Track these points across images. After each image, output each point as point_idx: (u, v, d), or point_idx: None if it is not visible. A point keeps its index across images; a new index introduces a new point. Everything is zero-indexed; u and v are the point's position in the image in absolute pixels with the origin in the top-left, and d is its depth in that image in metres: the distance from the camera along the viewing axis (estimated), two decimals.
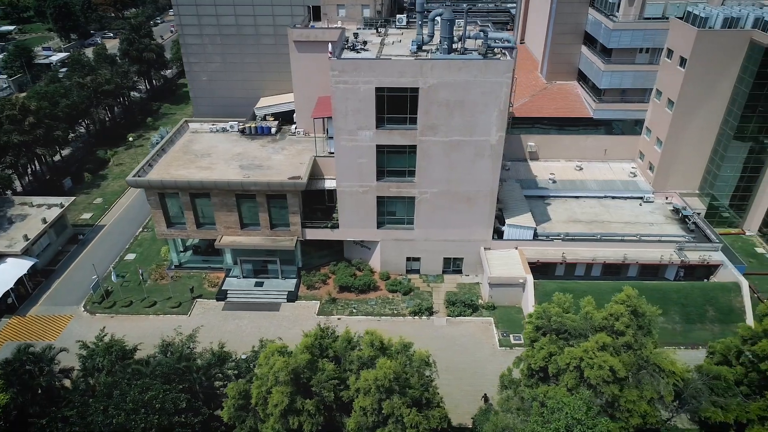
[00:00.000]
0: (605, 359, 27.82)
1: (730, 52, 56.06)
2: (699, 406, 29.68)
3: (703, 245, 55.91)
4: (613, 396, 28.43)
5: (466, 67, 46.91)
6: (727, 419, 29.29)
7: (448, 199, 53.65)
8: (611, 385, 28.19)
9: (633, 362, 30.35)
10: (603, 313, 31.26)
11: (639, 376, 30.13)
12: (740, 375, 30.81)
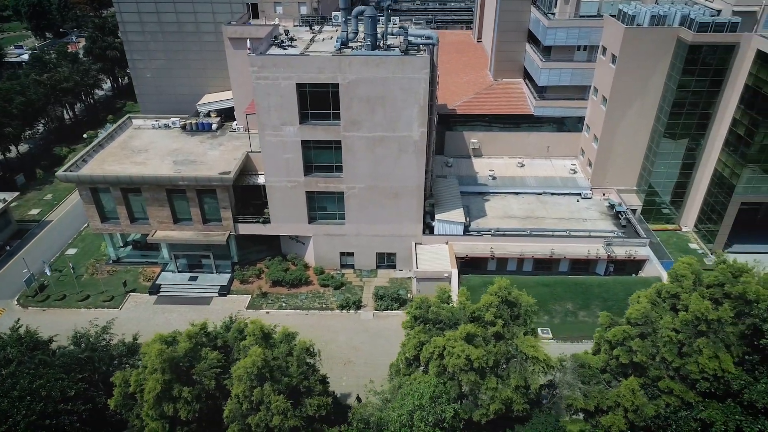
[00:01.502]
0: (463, 348, 28.36)
1: (659, 49, 56.64)
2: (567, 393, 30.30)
3: (630, 241, 56.53)
4: (472, 384, 28.99)
5: (383, 64, 47.50)
6: (588, 406, 29.84)
7: (376, 194, 54.23)
8: (469, 373, 28.74)
9: (504, 351, 30.91)
10: (478, 304, 31.81)
11: (510, 365, 30.71)
12: (604, 362, 31.39)
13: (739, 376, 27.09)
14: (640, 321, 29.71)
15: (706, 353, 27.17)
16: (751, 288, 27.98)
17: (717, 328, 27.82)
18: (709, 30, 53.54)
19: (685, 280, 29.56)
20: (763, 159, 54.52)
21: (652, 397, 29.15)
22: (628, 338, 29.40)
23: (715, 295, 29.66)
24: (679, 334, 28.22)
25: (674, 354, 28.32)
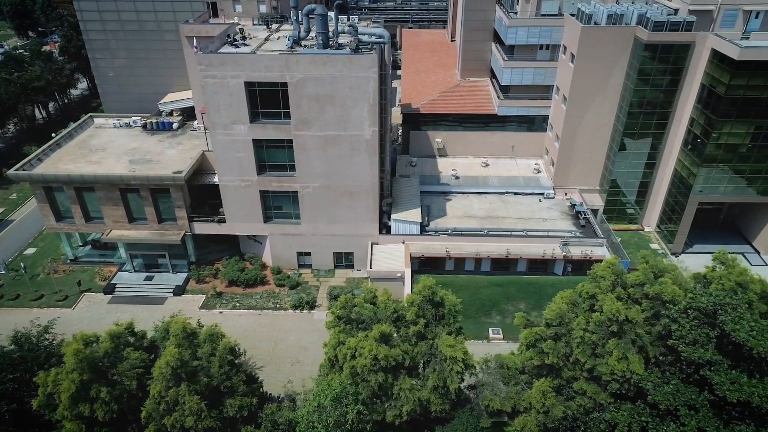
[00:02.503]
0: (371, 348, 28.06)
1: (616, 48, 56.35)
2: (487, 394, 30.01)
3: (587, 241, 56.22)
4: (381, 384, 28.70)
5: (331, 62, 47.21)
6: (504, 407, 29.55)
7: (330, 193, 53.96)
8: (378, 374, 28.44)
9: (424, 351, 30.63)
10: (401, 304, 31.52)
11: (430, 365, 30.43)
12: (522, 363, 31.09)
13: (646, 377, 26.78)
14: (555, 322, 29.41)
15: (615, 354, 26.88)
16: (667, 289, 27.67)
17: (629, 329, 27.52)
18: (665, 29, 53.25)
19: (603, 281, 29.27)
20: (718, 159, 54.23)
21: (567, 398, 28.86)
22: (540, 339, 29.10)
23: (635, 295, 29.37)
24: (593, 335, 27.92)
25: (587, 355, 28.03)
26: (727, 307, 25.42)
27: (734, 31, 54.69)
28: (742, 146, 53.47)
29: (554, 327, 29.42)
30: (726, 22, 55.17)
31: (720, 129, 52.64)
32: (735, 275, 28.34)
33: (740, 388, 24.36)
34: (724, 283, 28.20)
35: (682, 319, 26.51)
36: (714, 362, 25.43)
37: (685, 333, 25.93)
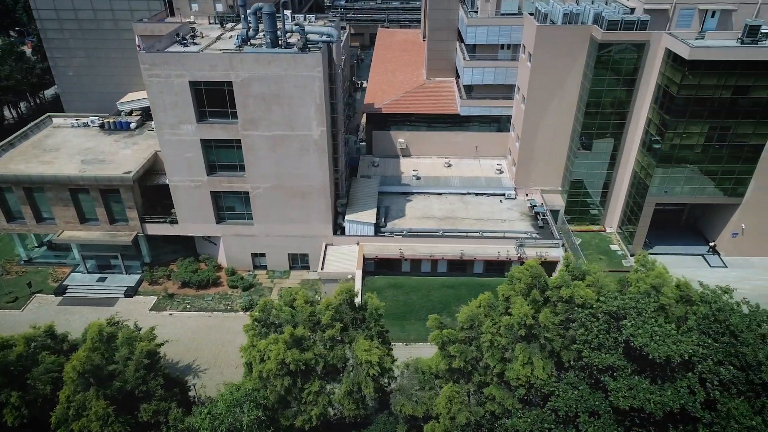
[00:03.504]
0: (277, 352, 27.52)
1: (573, 47, 55.78)
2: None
3: (542, 242, 55.71)
4: (288, 388, 28.15)
5: (275, 61, 46.67)
6: (416, 412, 29.00)
7: (281, 194, 53.43)
8: (284, 378, 27.89)
9: (340, 356, 30.08)
10: (317, 307, 30.99)
11: (345, 369, 29.89)
12: (436, 367, 30.54)
13: (550, 382, 26.22)
14: (466, 325, 28.86)
15: (520, 359, 26.31)
16: (579, 292, 27.10)
17: (538, 333, 26.97)
18: (619, 28, 52.68)
19: (518, 283, 28.71)
20: (674, 160, 53.68)
21: (479, 403, 28.31)
22: (448, 342, 28.55)
23: (553, 298, 28.82)
24: (502, 338, 27.35)
25: (496, 360, 27.47)
26: (632, 311, 24.88)
27: (690, 30, 54.13)
28: (697, 146, 52.92)
29: (465, 330, 28.85)
30: (682, 21, 54.64)
31: (674, 129, 52.10)
32: (651, 278, 27.79)
33: (636, 394, 23.81)
34: (640, 285, 27.66)
35: (590, 323, 25.96)
36: (616, 367, 24.89)
37: (592, 337, 25.39)
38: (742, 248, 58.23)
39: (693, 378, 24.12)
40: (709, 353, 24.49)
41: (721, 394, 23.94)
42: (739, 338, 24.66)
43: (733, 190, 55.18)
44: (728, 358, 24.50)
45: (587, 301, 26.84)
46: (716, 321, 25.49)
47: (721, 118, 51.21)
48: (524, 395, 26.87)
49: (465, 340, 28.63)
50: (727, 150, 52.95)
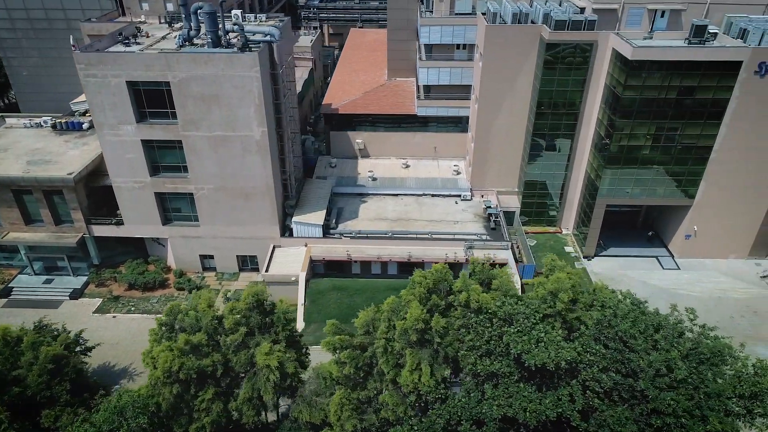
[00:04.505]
0: (165, 359, 26.97)
1: (523, 47, 55.20)
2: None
3: (491, 244, 55.18)
4: (180, 395, 27.63)
5: (211, 61, 46.14)
6: (313, 419, 28.46)
7: (226, 195, 52.91)
8: (174, 385, 27.36)
9: (243, 361, 29.55)
10: (223, 311, 30.46)
11: (247, 375, 29.37)
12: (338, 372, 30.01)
13: (434, 389, 25.66)
14: (362, 330, 28.33)
15: (408, 365, 25.77)
16: (475, 296, 26.56)
17: (431, 337, 26.44)
18: (567, 28, 52.14)
19: (418, 287, 28.16)
20: (622, 161, 53.15)
21: (375, 410, 27.77)
22: (341, 348, 28.02)
23: (455, 302, 28.29)
24: (396, 343, 26.82)
25: (390, 366, 26.93)
26: (520, 316, 24.34)
27: (640, 30, 53.61)
28: (645, 147, 52.40)
29: (360, 336, 28.32)
30: (632, 21, 54.10)
31: (621, 130, 51.59)
32: (550, 283, 27.25)
33: (512, 402, 23.27)
34: (539, 291, 27.13)
35: (484, 328, 25.41)
36: (501, 374, 24.35)
37: (481, 343, 24.84)
38: (695, 250, 57.72)
39: (576, 385, 23.56)
40: (596, 360, 23.96)
41: (603, 401, 23.39)
42: (627, 344, 24.11)
43: (684, 191, 54.64)
44: (615, 364, 23.95)
45: (483, 306, 26.30)
46: (609, 326, 24.94)
47: (667, 119, 50.69)
48: (415, 402, 26.36)
49: (360, 345, 28.09)
50: (675, 151, 52.43)
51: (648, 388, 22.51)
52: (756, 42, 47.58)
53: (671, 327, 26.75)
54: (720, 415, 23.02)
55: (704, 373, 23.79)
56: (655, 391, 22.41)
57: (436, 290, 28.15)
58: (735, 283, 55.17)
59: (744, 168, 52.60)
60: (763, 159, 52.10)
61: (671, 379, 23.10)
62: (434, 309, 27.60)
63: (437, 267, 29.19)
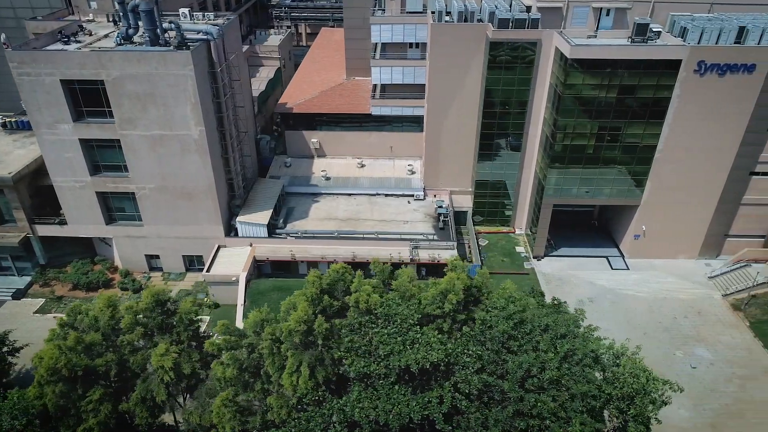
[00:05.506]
0: (51, 357, 26.61)
1: (470, 46, 54.80)
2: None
3: (436, 244, 54.81)
4: (65, 394, 27.23)
5: (144, 59, 45.76)
6: (204, 421, 27.96)
7: (168, 195, 52.52)
8: (57, 385, 27.00)
9: (139, 361, 29.17)
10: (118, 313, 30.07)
11: (143, 376, 28.99)
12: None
13: (312, 392, 25.26)
14: (250, 330, 27.94)
15: (288, 367, 25.40)
16: (364, 297, 26.18)
17: (315, 339, 26.05)
18: (510, 26, 51.75)
19: (310, 287, 27.76)
20: (566, 160, 52.79)
21: (263, 412, 27.36)
22: (225, 349, 27.65)
23: (350, 303, 27.89)
24: (282, 345, 26.45)
25: (276, 367, 26.55)
26: (397, 317, 23.96)
27: (585, 29, 53.31)
28: (589, 147, 52.04)
29: (251, 337, 27.94)
30: (578, 19, 53.87)
31: (563, 129, 51.23)
32: (443, 284, 26.87)
33: (375, 405, 22.88)
34: (431, 291, 26.76)
35: (365, 329, 25.01)
36: (377, 376, 23.96)
37: (362, 344, 24.47)
38: (645, 250, 57.32)
39: (448, 387, 23.18)
40: (471, 361, 23.57)
41: (472, 403, 22.99)
42: (505, 345, 23.72)
43: (630, 191, 54.29)
44: (490, 365, 23.56)
45: (371, 307, 25.91)
46: (489, 327, 24.56)
47: (610, 118, 50.32)
48: (297, 404, 25.96)
49: (248, 346, 27.71)
50: (620, 151, 52.08)
51: (512, 389, 22.10)
52: (695, 41, 47.21)
53: (557, 328, 26.25)
54: (583, 417, 22.61)
55: (577, 375, 23.37)
56: (519, 392, 22.00)
57: (330, 291, 27.75)
58: (682, 284, 54.79)
59: (689, 168, 52.23)
60: (707, 159, 51.73)
61: (540, 380, 22.70)
62: (328, 309, 27.21)
63: (335, 267, 28.81)
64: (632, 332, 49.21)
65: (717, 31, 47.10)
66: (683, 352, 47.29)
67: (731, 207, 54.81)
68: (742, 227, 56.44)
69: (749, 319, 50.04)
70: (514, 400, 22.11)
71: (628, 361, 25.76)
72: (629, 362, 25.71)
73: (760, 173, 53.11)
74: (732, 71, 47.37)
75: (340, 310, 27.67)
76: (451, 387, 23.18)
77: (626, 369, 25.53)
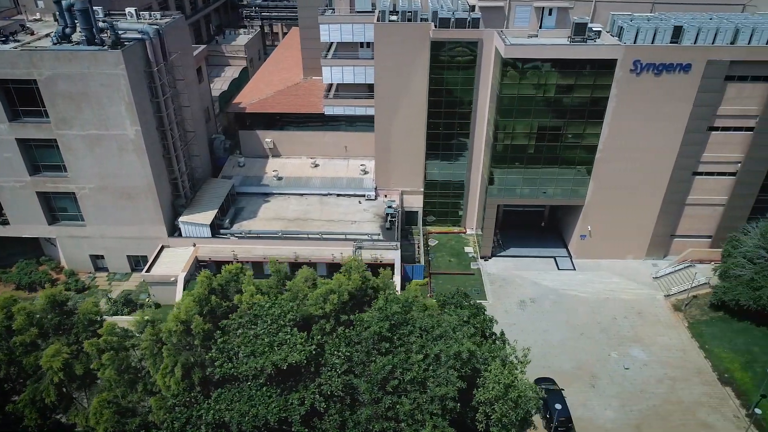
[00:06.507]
0: None
1: (415, 46, 54.52)
2: None
3: (380, 244, 54.59)
4: None
5: (76, 59, 45.60)
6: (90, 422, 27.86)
7: (108, 195, 52.35)
8: None
9: (32, 363, 29.00)
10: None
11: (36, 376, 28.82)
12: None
13: (182, 393, 25.09)
14: (138, 331, 27.77)
15: (163, 367, 25.21)
16: (247, 297, 26.00)
17: (192, 340, 25.90)
18: (450, 26, 51.58)
19: (198, 287, 27.59)
20: (508, 160, 52.63)
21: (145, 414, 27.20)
22: (107, 350, 27.46)
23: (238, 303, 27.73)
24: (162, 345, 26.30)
25: (156, 368, 26.38)
26: (267, 318, 23.78)
27: (528, 28, 53.11)
28: (530, 147, 51.86)
29: (133, 338, 27.81)
30: (520, 19, 53.68)
31: (504, 129, 51.06)
32: (330, 284, 26.67)
33: (232, 407, 22.70)
34: (316, 292, 26.56)
35: (243, 329, 24.83)
36: (244, 377, 23.79)
37: (234, 346, 24.28)
38: (592, 251, 57.17)
39: (312, 388, 22.98)
40: (340, 363, 23.37)
41: (334, 405, 22.79)
42: (375, 346, 23.52)
43: (574, 191, 54.12)
44: (358, 366, 23.36)
45: (251, 308, 25.75)
46: (367, 329, 24.34)
47: (549, 117, 50.15)
48: (173, 405, 25.77)
49: (132, 347, 27.57)
50: (561, 151, 51.89)
51: (368, 391, 21.90)
52: (631, 40, 47.04)
53: (434, 330, 25.94)
54: (437, 419, 22.41)
55: (441, 377, 23.16)
56: (377, 393, 21.77)
57: (225, 291, 27.57)
58: (626, 284, 54.62)
59: (631, 168, 52.06)
60: (649, 159, 51.57)
61: (402, 381, 22.48)
62: (217, 310, 27.03)
63: (229, 268, 28.63)
64: (570, 332, 49.21)
65: (653, 30, 46.93)
66: (618, 352, 47.10)
67: (676, 207, 54.61)
68: (689, 227, 56.26)
69: (688, 320, 49.88)
70: (370, 402, 21.90)
71: (497, 367, 25.44)
72: (497, 368, 25.38)
73: (703, 173, 52.92)
74: (668, 71, 47.21)
75: (230, 311, 27.50)
76: (315, 388, 23.00)
77: (492, 374, 25.21)
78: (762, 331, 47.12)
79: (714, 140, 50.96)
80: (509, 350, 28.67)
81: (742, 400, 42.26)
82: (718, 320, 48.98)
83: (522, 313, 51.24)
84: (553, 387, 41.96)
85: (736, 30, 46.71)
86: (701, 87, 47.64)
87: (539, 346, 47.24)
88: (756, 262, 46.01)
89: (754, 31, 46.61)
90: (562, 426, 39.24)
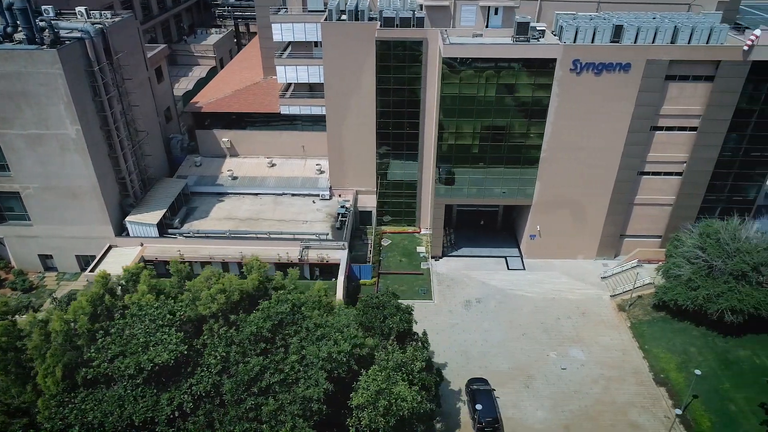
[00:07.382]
0: None
1: (362, 45, 54.39)
2: None
3: (327, 244, 54.51)
4: None
5: (12, 58, 45.50)
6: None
7: (53, 194, 52.25)
8: None
9: None
10: None
11: None
12: None
13: (60, 394, 25.02)
14: (26, 331, 27.70)
15: (43, 368, 25.11)
16: (137, 297, 25.90)
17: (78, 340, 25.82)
18: (395, 25, 51.48)
19: (93, 287, 27.52)
20: (453, 160, 52.53)
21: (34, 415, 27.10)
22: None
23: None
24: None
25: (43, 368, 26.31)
26: (146, 318, 23.65)
27: (475, 28, 53.01)
28: (474, 147, 51.75)
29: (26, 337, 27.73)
30: (466, 18, 53.57)
31: (447, 129, 50.96)
32: (222, 284, 26.55)
33: (101, 408, 22.63)
34: (208, 292, 26.43)
35: (128, 329, 24.72)
36: (121, 377, 23.70)
37: (118, 345, 24.16)
38: (543, 250, 57.12)
39: (184, 388, 22.86)
40: (215, 363, 23.25)
41: (204, 406, 22.67)
42: (251, 347, 23.39)
43: (521, 191, 54.01)
44: (234, 367, 23.24)
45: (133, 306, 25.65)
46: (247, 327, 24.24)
47: (492, 117, 50.04)
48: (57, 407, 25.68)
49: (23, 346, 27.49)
50: (506, 150, 51.77)
51: (231, 391, 21.79)
52: (570, 39, 46.94)
53: (317, 330, 25.70)
54: (297, 420, 22.26)
55: (311, 379, 23.01)
56: (240, 394, 21.68)
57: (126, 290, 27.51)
58: (575, 284, 54.54)
59: (576, 167, 52.01)
60: (594, 158, 51.51)
61: (268, 382, 22.33)
62: (112, 310, 26.92)
63: (127, 267, 28.52)
64: (511, 333, 49.13)
65: (592, 29, 46.83)
66: (558, 353, 47.00)
67: (624, 207, 54.54)
68: (639, 227, 56.21)
69: (631, 320, 49.80)
70: (232, 403, 21.80)
71: (373, 371, 25.21)
72: (374, 372, 25.14)
73: (650, 173, 52.86)
74: (608, 70, 47.13)
75: (125, 310, 27.40)
76: (187, 389, 22.89)
77: (363, 379, 24.88)
78: (700, 332, 47.05)
79: (658, 140, 50.92)
80: (409, 352, 28.49)
81: (674, 400, 42.18)
82: (659, 320, 48.92)
83: (466, 313, 51.13)
84: (484, 387, 41.85)
85: (676, 29, 46.60)
86: (642, 86, 47.56)
87: (479, 346, 47.24)
88: (693, 262, 45.94)
89: (693, 30, 46.52)
90: (488, 426, 39.12)
